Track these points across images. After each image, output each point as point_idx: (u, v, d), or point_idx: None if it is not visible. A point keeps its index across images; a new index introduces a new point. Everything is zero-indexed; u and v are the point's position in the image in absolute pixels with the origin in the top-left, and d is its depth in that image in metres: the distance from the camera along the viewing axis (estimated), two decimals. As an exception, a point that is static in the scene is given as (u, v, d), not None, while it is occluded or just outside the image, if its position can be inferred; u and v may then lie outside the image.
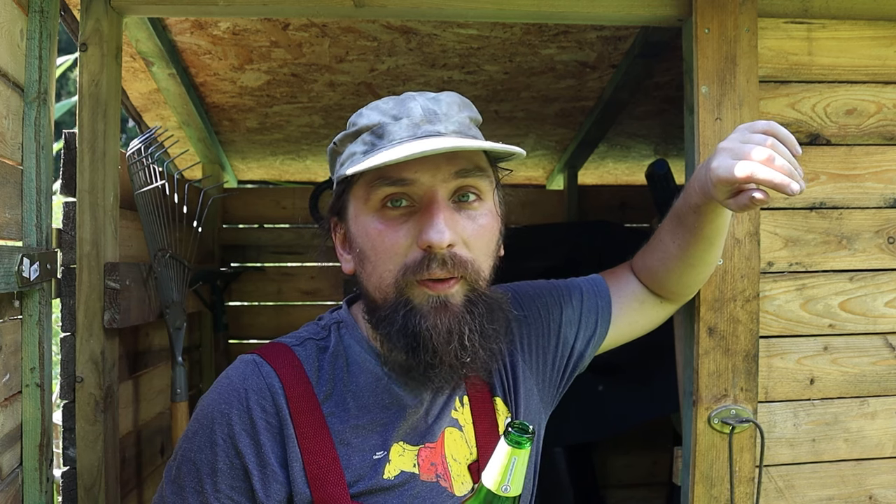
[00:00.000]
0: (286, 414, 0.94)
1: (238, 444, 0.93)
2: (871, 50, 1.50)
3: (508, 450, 0.81)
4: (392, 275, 0.93)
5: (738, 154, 0.96)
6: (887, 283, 1.50)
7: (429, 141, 0.91)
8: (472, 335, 0.93)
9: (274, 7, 1.46)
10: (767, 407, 1.46)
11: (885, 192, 1.50)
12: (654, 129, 2.84)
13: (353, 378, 0.99)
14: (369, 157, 0.92)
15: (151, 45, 1.91)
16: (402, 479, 0.95)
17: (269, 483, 0.92)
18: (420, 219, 0.92)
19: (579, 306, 1.16)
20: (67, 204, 1.41)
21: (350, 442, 0.95)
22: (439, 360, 0.92)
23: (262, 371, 0.97)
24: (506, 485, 0.81)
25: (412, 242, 0.92)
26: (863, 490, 1.49)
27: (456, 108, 0.98)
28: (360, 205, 0.96)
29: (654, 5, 1.47)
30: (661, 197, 1.95)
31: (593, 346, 1.16)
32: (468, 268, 0.93)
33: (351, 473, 0.94)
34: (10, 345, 1.21)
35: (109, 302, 1.40)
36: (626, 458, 3.22)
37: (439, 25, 1.91)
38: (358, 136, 0.97)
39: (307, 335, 1.04)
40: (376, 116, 0.95)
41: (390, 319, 0.93)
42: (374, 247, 0.94)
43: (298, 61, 2.12)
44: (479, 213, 0.96)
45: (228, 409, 0.94)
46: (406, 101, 0.96)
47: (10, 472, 1.21)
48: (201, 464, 0.94)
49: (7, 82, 1.20)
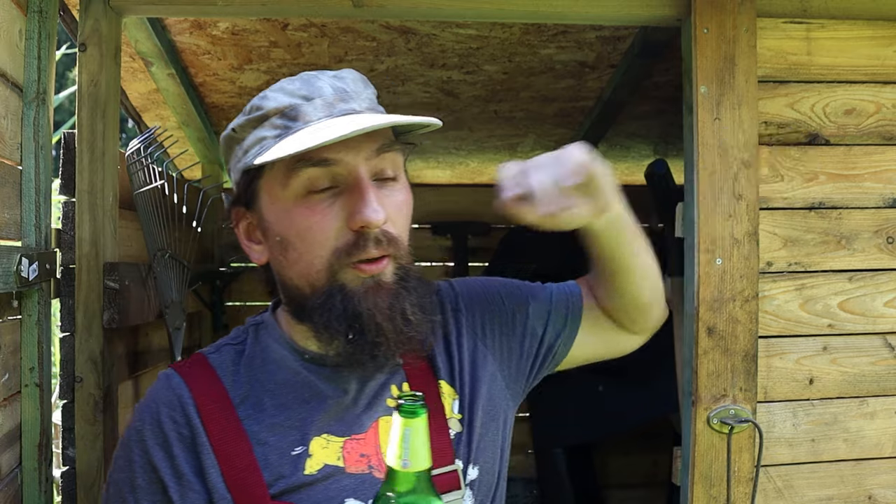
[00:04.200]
0: (197, 423, 0.93)
1: (153, 458, 0.92)
2: (870, 50, 1.50)
3: (401, 421, 0.77)
4: (323, 260, 0.91)
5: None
6: (886, 283, 1.50)
7: (353, 118, 0.88)
8: (413, 308, 0.92)
9: (273, 7, 1.46)
10: (766, 407, 1.46)
11: (885, 192, 1.50)
12: (653, 129, 2.84)
13: (270, 377, 0.98)
14: (287, 140, 0.89)
15: (150, 45, 1.91)
16: (326, 472, 0.93)
17: (186, 494, 0.91)
18: (349, 199, 0.90)
19: (548, 301, 1.14)
20: (66, 204, 1.41)
21: (267, 441, 0.93)
22: (384, 337, 0.90)
23: (172, 383, 0.96)
24: (405, 460, 0.77)
25: (342, 225, 0.90)
26: (862, 490, 1.49)
27: (361, 84, 0.97)
28: (278, 191, 0.92)
29: (653, 5, 1.47)
30: (660, 197, 1.95)
31: (563, 342, 1.12)
32: (397, 244, 0.92)
33: (270, 473, 0.92)
34: (9, 345, 1.21)
35: (109, 302, 1.40)
36: (626, 458, 3.22)
37: (438, 25, 1.91)
38: (265, 121, 0.93)
39: (225, 341, 1.03)
40: (285, 98, 0.92)
41: (327, 306, 0.91)
42: (300, 233, 0.91)
43: (298, 61, 2.12)
44: (397, 189, 0.95)
45: (142, 425, 0.94)
46: (312, 81, 0.94)
47: (10, 472, 1.21)
48: (122, 483, 0.94)
49: (6, 82, 1.20)
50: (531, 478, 3.19)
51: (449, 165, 3.31)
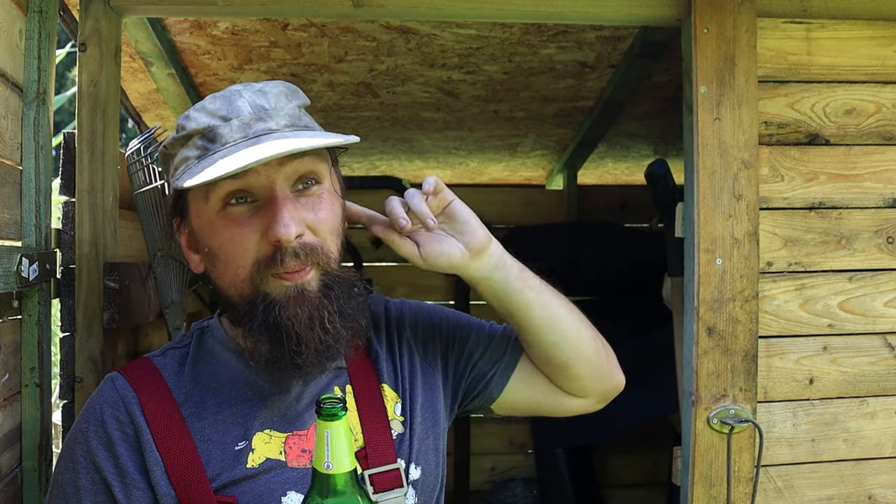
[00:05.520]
0: (141, 421, 0.95)
1: (96, 458, 0.94)
2: (870, 50, 1.50)
3: (321, 424, 0.78)
4: (245, 271, 0.93)
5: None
6: (886, 283, 1.50)
7: (263, 146, 0.89)
8: (332, 318, 0.93)
9: (273, 7, 1.46)
10: (766, 407, 1.46)
11: (885, 192, 1.50)
12: (653, 129, 2.84)
13: (214, 377, 1.00)
14: (204, 165, 0.91)
15: (150, 45, 1.91)
16: (268, 466, 0.95)
17: (130, 491, 0.93)
18: (264, 214, 0.92)
19: (491, 334, 1.16)
20: (66, 204, 1.41)
21: (210, 437, 0.96)
22: (304, 346, 0.92)
23: (117, 384, 0.98)
24: (327, 462, 0.78)
25: (261, 237, 0.92)
26: (862, 490, 1.49)
27: (284, 98, 0.97)
28: (202, 205, 0.95)
29: (653, 5, 1.47)
30: (660, 197, 1.95)
31: (499, 374, 1.12)
32: (319, 253, 0.94)
33: (212, 468, 0.94)
34: (9, 345, 1.21)
35: (109, 302, 1.40)
36: (626, 458, 3.22)
37: (438, 25, 1.91)
38: (189, 140, 0.95)
39: (170, 345, 1.06)
40: (204, 119, 0.94)
41: (250, 315, 0.93)
42: (222, 246, 0.94)
43: (297, 61, 2.12)
44: (319, 196, 0.96)
45: (86, 426, 0.96)
46: (233, 100, 0.95)
47: (10, 472, 1.21)
48: (66, 484, 0.95)
49: (6, 82, 1.20)
50: (531, 478, 3.20)
51: (449, 165, 3.32)
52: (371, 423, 1.01)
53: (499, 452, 3.27)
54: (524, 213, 3.16)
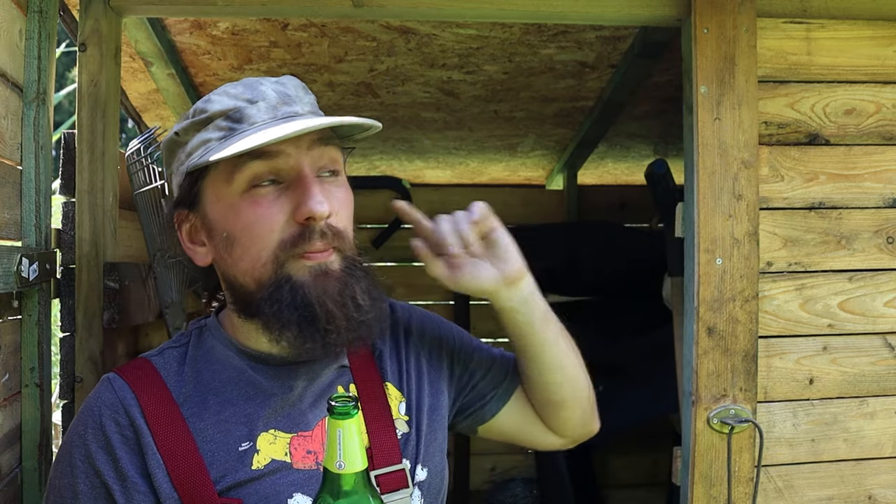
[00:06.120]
0: (142, 423, 0.93)
1: (95, 462, 0.92)
2: (870, 50, 1.50)
3: (332, 423, 0.77)
4: (269, 252, 0.92)
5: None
6: (886, 283, 1.50)
7: (299, 122, 0.90)
8: (363, 294, 0.93)
9: (273, 7, 1.46)
10: (766, 407, 1.46)
11: (885, 192, 1.50)
12: (653, 129, 2.84)
13: (214, 376, 0.98)
14: (233, 141, 0.90)
15: (150, 46, 1.91)
16: (273, 467, 0.94)
17: (131, 495, 0.91)
18: (294, 193, 0.91)
19: (494, 357, 1.16)
20: (66, 204, 1.41)
21: (213, 438, 0.94)
22: (335, 323, 0.91)
23: (115, 386, 0.96)
24: (339, 461, 0.77)
25: (288, 218, 0.91)
26: (862, 490, 1.49)
27: (302, 90, 0.99)
28: (223, 188, 0.93)
29: (653, 5, 1.47)
30: (660, 197, 1.95)
31: (497, 398, 1.13)
32: (342, 237, 0.94)
33: (216, 470, 0.92)
34: (9, 345, 1.21)
35: (109, 302, 1.40)
36: (626, 458, 3.22)
37: (438, 25, 1.91)
38: (209, 123, 0.94)
39: (167, 345, 1.04)
40: (229, 101, 0.94)
41: (275, 297, 0.91)
42: (246, 227, 0.92)
43: (298, 61, 2.12)
44: (338, 185, 0.97)
45: (84, 430, 0.94)
46: (255, 86, 0.95)
47: (10, 472, 1.21)
48: (64, 489, 0.93)
49: (6, 82, 1.20)
50: (531, 478, 3.20)
51: (449, 165, 3.31)
52: (376, 422, 1.00)
53: (499, 452, 3.26)
54: (524, 213, 3.16)
